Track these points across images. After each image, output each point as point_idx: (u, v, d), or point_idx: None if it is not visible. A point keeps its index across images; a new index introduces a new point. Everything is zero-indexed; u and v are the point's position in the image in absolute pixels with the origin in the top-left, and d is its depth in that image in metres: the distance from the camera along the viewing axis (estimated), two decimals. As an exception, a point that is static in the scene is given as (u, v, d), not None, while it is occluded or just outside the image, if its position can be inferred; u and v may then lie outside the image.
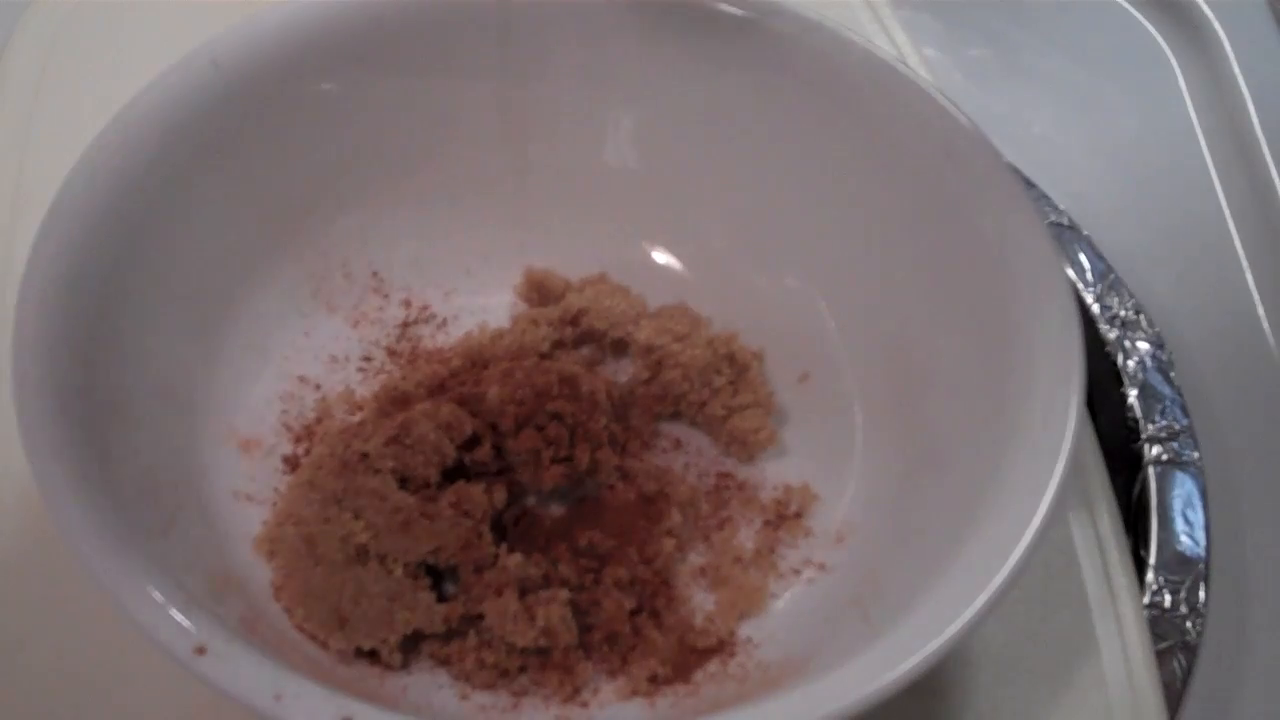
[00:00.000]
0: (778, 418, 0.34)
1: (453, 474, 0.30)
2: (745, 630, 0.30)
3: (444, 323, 0.35)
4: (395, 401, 0.32)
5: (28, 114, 0.39)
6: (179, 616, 0.23)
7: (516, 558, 0.29)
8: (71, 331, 0.26)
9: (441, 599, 0.29)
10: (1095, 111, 0.48)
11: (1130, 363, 0.39)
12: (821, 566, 0.31)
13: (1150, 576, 0.35)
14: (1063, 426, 0.27)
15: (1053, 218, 0.42)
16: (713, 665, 0.29)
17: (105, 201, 0.28)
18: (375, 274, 0.35)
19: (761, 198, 0.35)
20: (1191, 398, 0.39)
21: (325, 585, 0.28)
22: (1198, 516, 0.36)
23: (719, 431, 0.33)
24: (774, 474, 0.33)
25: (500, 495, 0.30)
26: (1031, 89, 0.49)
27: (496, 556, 0.29)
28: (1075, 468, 0.26)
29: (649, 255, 0.36)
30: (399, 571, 0.29)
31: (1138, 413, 0.38)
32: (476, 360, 0.33)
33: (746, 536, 0.32)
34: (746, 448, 0.33)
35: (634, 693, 0.28)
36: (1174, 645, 0.34)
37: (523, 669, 0.29)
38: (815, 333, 0.34)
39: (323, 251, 0.35)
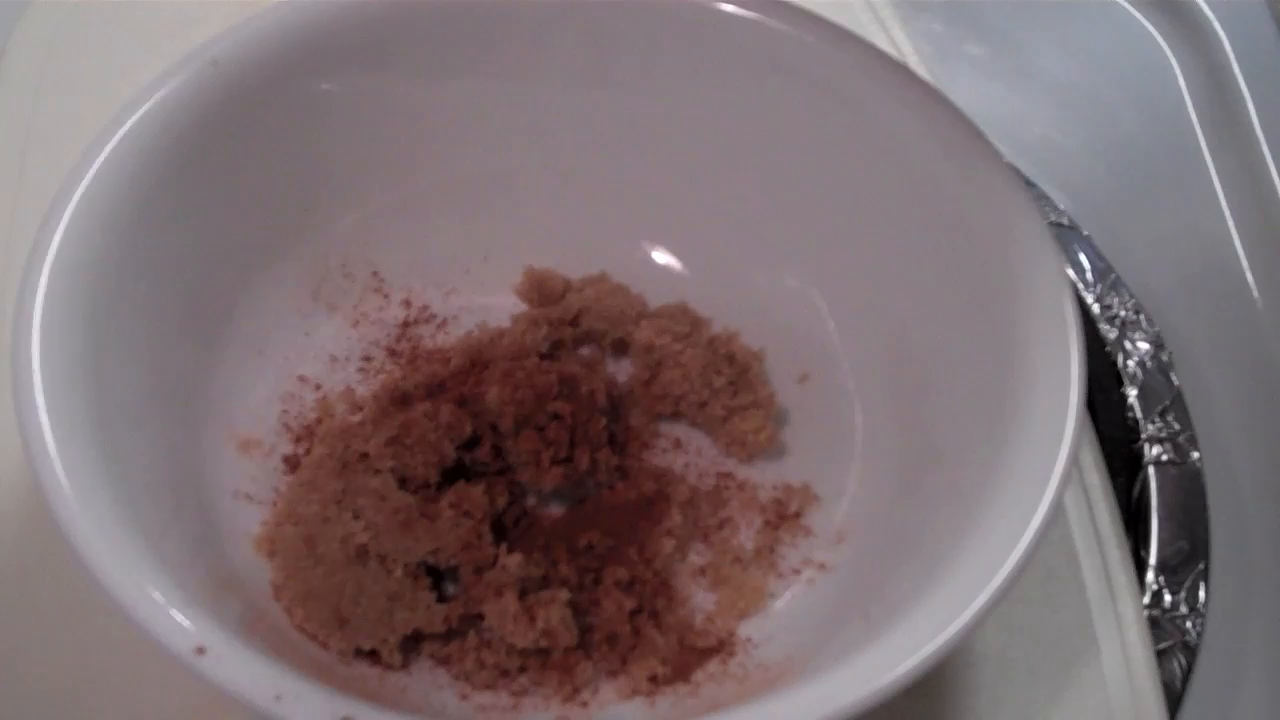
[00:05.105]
0: (778, 418, 0.34)
1: (453, 474, 0.30)
2: (745, 630, 0.30)
3: (444, 323, 0.35)
4: (395, 401, 0.32)
5: (28, 114, 0.39)
6: (179, 616, 0.23)
7: (516, 558, 0.29)
8: (71, 331, 0.26)
9: (441, 599, 0.29)
10: (1095, 111, 0.48)
11: (1130, 363, 0.39)
12: (821, 566, 0.31)
13: (1150, 576, 0.35)
14: (1063, 426, 0.27)
15: (1053, 218, 0.42)
16: (713, 665, 0.29)
17: (105, 201, 0.28)
18: (375, 274, 0.35)
19: (761, 197, 0.35)
20: (1191, 398, 0.39)
21: (325, 585, 0.28)
22: (1198, 516, 0.36)
23: (719, 431, 0.33)
24: (774, 474, 0.33)
25: (500, 495, 0.30)
26: (1031, 89, 0.49)
27: (496, 557, 0.29)
28: (1075, 468, 0.26)
29: (649, 255, 0.36)
30: (399, 571, 0.29)
31: (1138, 413, 0.38)
32: (476, 360, 0.33)
33: (746, 536, 0.32)
34: (746, 448, 0.33)
35: (634, 693, 0.28)
36: (1174, 645, 0.34)
37: (523, 669, 0.29)
38: (815, 333, 0.34)
39: (323, 251, 0.35)
